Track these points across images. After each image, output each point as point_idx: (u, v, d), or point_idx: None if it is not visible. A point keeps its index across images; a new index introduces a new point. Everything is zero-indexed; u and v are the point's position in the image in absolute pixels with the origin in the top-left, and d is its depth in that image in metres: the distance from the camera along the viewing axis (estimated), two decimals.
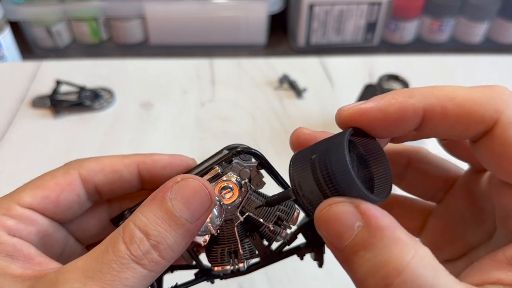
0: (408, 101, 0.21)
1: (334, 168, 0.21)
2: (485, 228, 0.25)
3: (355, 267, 0.20)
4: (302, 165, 0.23)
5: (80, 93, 0.64)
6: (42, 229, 0.26)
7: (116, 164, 0.29)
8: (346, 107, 0.23)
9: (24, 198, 0.26)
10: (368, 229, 0.20)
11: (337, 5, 1.06)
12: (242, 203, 0.27)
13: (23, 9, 0.97)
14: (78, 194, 0.28)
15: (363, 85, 0.59)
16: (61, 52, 1.07)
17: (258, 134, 0.61)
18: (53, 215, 0.27)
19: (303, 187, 0.22)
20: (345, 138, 0.21)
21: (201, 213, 0.24)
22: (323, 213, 0.21)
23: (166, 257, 0.23)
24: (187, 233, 0.23)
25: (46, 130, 0.61)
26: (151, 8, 1.03)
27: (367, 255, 0.20)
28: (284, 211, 0.28)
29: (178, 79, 0.70)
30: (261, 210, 0.28)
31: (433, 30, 1.15)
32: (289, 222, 0.28)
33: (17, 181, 0.57)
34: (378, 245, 0.19)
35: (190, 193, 0.23)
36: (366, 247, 0.20)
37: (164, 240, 0.22)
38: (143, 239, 0.22)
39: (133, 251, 0.22)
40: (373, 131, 0.22)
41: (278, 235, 0.28)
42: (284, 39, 1.18)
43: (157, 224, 0.23)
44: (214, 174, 0.27)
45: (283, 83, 0.68)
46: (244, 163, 0.27)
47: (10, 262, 0.23)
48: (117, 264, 0.22)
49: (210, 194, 0.24)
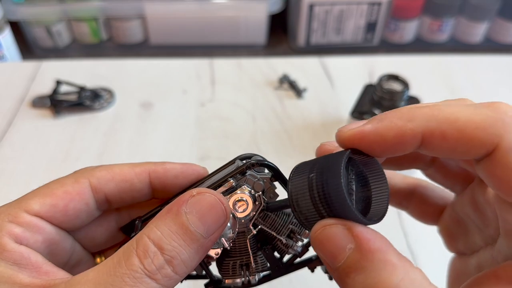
0: (407, 125, 0.21)
1: (330, 191, 0.21)
2: (489, 232, 0.25)
3: (349, 286, 0.20)
4: (300, 181, 0.23)
5: (80, 93, 0.64)
6: (49, 237, 0.26)
7: (127, 173, 0.28)
8: (345, 128, 0.23)
9: (32, 206, 0.26)
10: (359, 252, 0.21)
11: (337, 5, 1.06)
12: (255, 216, 0.27)
13: (23, 9, 0.97)
14: (87, 203, 0.27)
15: (363, 85, 0.59)
16: (61, 52, 1.07)
17: (258, 134, 0.61)
18: (61, 223, 0.27)
19: (300, 204, 0.23)
20: (342, 162, 0.21)
21: (216, 228, 0.23)
22: (317, 233, 0.22)
23: (179, 273, 0.22)
24: (201, 249, 0.23)
25: (46, 130, 0.61)
26: (151, 8, 1.03)
27: (357, 277, 0.20)
28: (297, 224, 0.28)
29: (178, 79, 0.70)
30: (273, 223, 0.27)
31: (433, 30, 1.15)
32: (302, 236, 0.28)
33: (17, 181, 0.57)
34: (368, 268, 0.20)
35: (206, 208, 0.23)
36: (357, 269, 0.20)
37: (178, 255, 0.22)
38: (157, 253, 0.22)
39: (147, 265, 0.21)
40: (372, 153, 0.23)
41: (290, 248, 0.28)
42: (284, 39, 1.18)
43: (172, 239, 0.22)
44: (229, 187, 0.26)
45: (283, 83, 0.68)
46: (257, 175, 0.27)
47: (18, 271, 0.23)
48: (130, 278, 0.21)
49: (226, 209, 0.24)
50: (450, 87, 0.69)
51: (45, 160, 0.57)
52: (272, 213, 0.27)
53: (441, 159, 0.29)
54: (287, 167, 0.61)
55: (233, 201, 0.26)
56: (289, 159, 0.57)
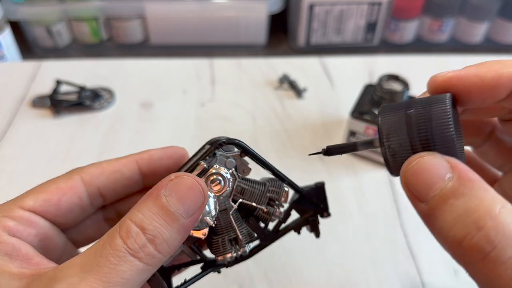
0: (504, 69, 0.23)
1: (435, 125, 0.22)
2: None
3: (442, 215, 0.21)
4: (395, 117, 0.23)
5: (80, 93, 0.64)
6: (42, 231, 0.27)
7: (115, 165, 0.30)
8: (440, 74, 0.24)
9: (26, 202, 0.27)
10: (459, 180, 0.21)
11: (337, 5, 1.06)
12: (233, 191, 0.29)
13: (23, 9, 0.97)
14: (80, 197, 0.28)
15: (363, 85, 0.59)
16: (61, 52, 1.07)
17: (258, 134, 0.61)
18: (54, 218, 0.28)
19: (391, 138, 0.23)
20: (447, 97, 0.22)
21: (195, 208, 0.25)
22: (413, 165, 0.22)
23: (162, 251, 0.23)
24: (182, 228, 0.24)
25: (46, 130, 0.61)
26: (151, 8, 1.03)
27: (457, 202, 0.20)
28: (274, 192, 0.29)
29: (178, 79, 0.70)
30: (252, 194, 0.29)
31: (433, 30, 1.15)
32: (281, 201, 0.30)
33: (17, 181, 0.57)
34: (469, 194, 0.20)
35: (184, 190, 0.24)
36: (457, 196, 0.20)
37: (160, 234, 0.23)
38: (139, 233, 0.23)
39: (130, 244, 0.22)
40: (468, 97, 0.23)
41: (272, 215, 0.29)
42: (284, 39, 1.18)
43: (153, 220, 0.23)
44: (201, 170, 0.28)
45: (283, 83, 0.68)
46: (227, 154, 0.29)
47: (8, 261, 0.24)
48: (114, 257, 0.22)
49: (203, 189, 0.25)
50: None
51: (45, 160, 0.57)
52: (248, 186, 0.29)
53: (498, 134, 0.30)
54: (287, 167, 0.61)
55: (208, 182, 0.28)
56: (289, 159, 0.57)
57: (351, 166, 0.57)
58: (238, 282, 0.45)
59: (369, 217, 0.51)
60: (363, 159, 0.57)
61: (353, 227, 0.50)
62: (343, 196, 0.53)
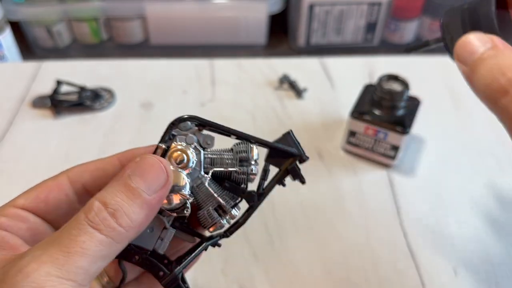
0: None
1: (481, 13, 0.30)
2: None
3: (479, 71, 0.28)
4: (452, 12, 0.32)
5: (80, 93, 0.64)
6: (33, 227, 0.29)
7: (98, 163, 0.32)
8: None
9: (18, 201, 0.29)
10: (495, 48, 0.28)
11: (337, 5, 1.06)
12: (202, 164, 0.30)
13: (23, 9, 0.97)
14: (66, 194, 0.30)
15: (363, 85, 0.59)
16: (61, 52, 1.07)
17: (258, 134, 0.60)
18: (44, 214, 0.29)
19: (450, 27, 0.32)
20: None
21: (157, 185, 0.26)
22: (462, 40, 0.29)
23: (123, 224, 0.24)
24: (145, 205, 0.25)
25: (46, 130, 0.61)
26: (151, 8, 1.03)
27: (491, 61, 0.27)
28: (243, 151, 0.31)
29: (178, 79, 0.70)
30: (222, 161, 0.30)
31: (433, 30, 1.15)
32: (252, 158, 0.31)
33: (17, 181, 0.57)
34: (501, 55, 0.27)
35: (146, 167, 0.26)
36: (492, 57, 0.27)
37: (121, 207, 0.24)
38: (101, 208, 0.24)
39: (91, 217, 0.24)
40: None
41: (249, 174, 0.30)
42: (284, 39, 1.18)
43: (115, 195, 0.25)
44: (162, 152, 0.29)
45: (283, 83, 0.68)
46: (186, 132, 0.30)
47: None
48: (75, 229, 0.24)
49: (165, 166, 0.26)
50: (450, 87, 0.69)
51: (46, 160, 0.57)
52: (216, 155, 0.30)
53: None
54: None
55: (172, 161, 0.29)
56: None
57: (351, 166, 0.57)
58: (238, 282, 0.45)
59: (369, 217, 0.51)
60: (363, 159, 0.57)
61: (353, 227, 0.50)
62: (343, 196, 0.53)
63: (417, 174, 0.56)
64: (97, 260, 0.24)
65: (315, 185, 0.54)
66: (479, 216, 0.51)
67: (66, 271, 0.22)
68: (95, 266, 0.24)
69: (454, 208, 0.52)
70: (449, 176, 0.55)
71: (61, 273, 0.22)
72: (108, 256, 0.24)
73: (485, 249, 0.48)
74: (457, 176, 0.56)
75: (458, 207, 0.52)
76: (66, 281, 0.22)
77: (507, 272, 0.46)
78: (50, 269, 0.22)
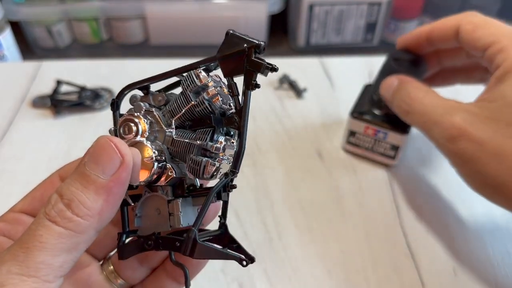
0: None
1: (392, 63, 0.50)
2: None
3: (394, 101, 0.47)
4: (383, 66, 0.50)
5: (80, 93, 0.64)
6: None
7: None
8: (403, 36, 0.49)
9: (16, 206, 0.30)
10: (400, 83, 0.47)
11: (337, 5, 1.06)
12: (162, 122, 0.29)
13: (23, 9, 0.97)
14: None
15: (363, 85, 0.59)
16: (61, 52, 1.07)
17: (258, 134, 0.61)
18: None
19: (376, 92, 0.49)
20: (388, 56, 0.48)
21: (112, 167, 0.25)
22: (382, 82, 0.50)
23: (80, 214, 0.24)
24: (101, 190, 0.24)
25: (46, 130, 0.61)
26: (151, 8, 1.03)
27: (398, 94, 0.46)
28: (189, 81, 0.30)
29: None
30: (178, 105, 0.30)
31: None
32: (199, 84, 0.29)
33: (18, 181, 0.57)
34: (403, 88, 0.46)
35: (98, 150, 0.25)
36: (399, 90, 0.46)
37: (75, 197, 0.24)
38: (57, 200, 0.24)
39: (47, 211, 0.24)
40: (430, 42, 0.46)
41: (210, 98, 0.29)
42: (284, 39, 1.18)
43: (70, 185, 0.24)
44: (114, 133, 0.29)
45: (283, 83, 0.68)
46: (133, 107, 0.30)
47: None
48: (34, 224, 0.24)
49: (116, 145, 0.25)
50: (449, 87, 0.69)
51: (46, 160, 0.57)
52: (169, 105, 0.30)
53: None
54: (287, 167, 0.61)
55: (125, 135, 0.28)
56: (289, 159, 0.57)
57: (351, 166, 0.57)
58: (238, 280, 0.45)
59: (369, 217, 0.51)
60: (363, 159, 0.57)
61: (353, 227, 0.50)
62: (343, 196, 0.53)
63: (417, 174, 0.56)
64: (59, 253, 0.23)
65: (315, 185, 0.54)
66: (479, 216, 0.51)
67: (26, 267, 0.22)
68: (59, 260, 0.23)
69: (454, 208, 0.52)
70: (449, 176, 0.55)
71: (21, 270, 0.22)
72: (74, 248, 0.24)
73: (485, 249, 0.48)
74: (457, 176, 0.55)
75: (458, 207, 0.52)
76: (27, 278, 0.22)
77: (507, 272, 0.46)
78: (10, 267, 0.22)
